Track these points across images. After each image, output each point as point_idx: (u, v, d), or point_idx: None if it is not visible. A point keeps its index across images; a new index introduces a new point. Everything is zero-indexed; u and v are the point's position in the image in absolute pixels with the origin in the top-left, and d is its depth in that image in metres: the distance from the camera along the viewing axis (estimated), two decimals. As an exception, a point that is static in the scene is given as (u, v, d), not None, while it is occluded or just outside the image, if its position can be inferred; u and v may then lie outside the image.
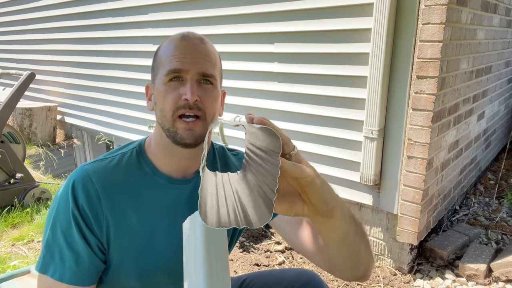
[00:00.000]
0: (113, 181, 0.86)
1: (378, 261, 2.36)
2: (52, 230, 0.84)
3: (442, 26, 1.84)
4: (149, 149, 0.93)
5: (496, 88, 3.26)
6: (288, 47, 2.44)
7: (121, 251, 0.87)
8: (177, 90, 0.82)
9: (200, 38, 0.87)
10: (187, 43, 0.85)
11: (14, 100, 2.95)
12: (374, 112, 2.08)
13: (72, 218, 0.82)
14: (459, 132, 2.48)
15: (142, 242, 0.88)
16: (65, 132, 5.16)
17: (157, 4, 3.25)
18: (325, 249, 0.82)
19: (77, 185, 0.83)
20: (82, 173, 0.85)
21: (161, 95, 0.84)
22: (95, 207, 0.83)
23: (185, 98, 0.80)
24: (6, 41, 5.79)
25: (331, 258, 0.82)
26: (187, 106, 0.81)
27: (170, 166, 0.91)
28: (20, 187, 2.94)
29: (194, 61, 0.83)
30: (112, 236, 0.85)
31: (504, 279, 2.09)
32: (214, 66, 0.86)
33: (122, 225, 0.86)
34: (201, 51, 0.84)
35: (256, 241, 2.56)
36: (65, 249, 0.82)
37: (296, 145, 0.64)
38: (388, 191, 2.18)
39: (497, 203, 3.08)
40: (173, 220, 0.90)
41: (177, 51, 0.83)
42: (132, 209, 0.87)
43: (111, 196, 0.85)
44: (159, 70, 0.86)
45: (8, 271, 1.99)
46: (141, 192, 0.88)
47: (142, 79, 3.60)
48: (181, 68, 0.82)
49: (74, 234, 0.82)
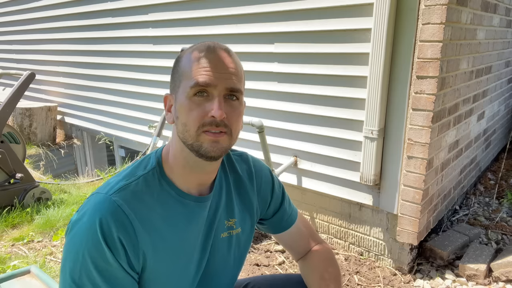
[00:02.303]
0: (143, 209, 0.82)
1: (378, 261, 2.36)
2: (83, 268, 0.76)
3: (442, 26, 1.84)
4: (167, 165, 0.88)
5: (496, 88, 3.26)
6: (288, 47, 2.44)
7: (158, 275, 0.85)
8: (203, 106, 0.79)
9: (227, 50, 0.84)
10: (214, 56, 0.81)
11: (14, 100, 2.95)
12: (374, 112, 2.08)
13: (108, 253, 0.76)
14: (459, 132, 2.48)
15: (181, 265, 0.89)
16: (65, 132, 5.16)
17: (157, 4, 3.25)
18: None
19: (109, 218, 0.77)
20: (112, 206, 0.78)
21: (185, 109, 0.80)
22: (131, 239, 0.79)
23: (212, 116, 0.78)
24: (6, 41, 5.79)
25: None
26: (213, 123, 0.78)
27: (189, 182, 0.89)
28: (20, 187, 2.94)
29: (222, 76, 0.79)
30: (149, 264, 0.83)
31: (504, 279, 2.09)
32: (240, 80, 0.83)
33: (161, 251, 0.84)
34: (229, 65, 0.81)
35: (256, 241, 2.56)
36: (102, 285, 0.77)
37: (296, 144, 0.64)
38: (388, 191, 2.18)
39: (497, 203, 3.08)
40: (203, 237, 0.92)
41: (204, 64, 0.79)
42: (167, 234, 0.85)
43: (145, 226, 0.81)
44: (182, 82, 0.82)
45: (8, 271, 1.99)
46: (171, 216, 0.86)
47: (142, 79, 3.60)
48: (209, 83, 0.78)
49: (112, 268, 0.77)
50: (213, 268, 0.96)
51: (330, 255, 1.10)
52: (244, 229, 1.01)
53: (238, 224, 1.00)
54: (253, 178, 1.04)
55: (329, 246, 1.13)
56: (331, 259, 1.08)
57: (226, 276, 1.01)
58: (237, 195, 1.00)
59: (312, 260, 1.07)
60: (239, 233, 1.00)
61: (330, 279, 1.01)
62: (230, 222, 0.98)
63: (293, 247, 1.12)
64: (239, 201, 1.01)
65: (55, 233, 2.62)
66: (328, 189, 2.44)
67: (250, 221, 1.03)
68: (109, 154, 5.00)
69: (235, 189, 1.00)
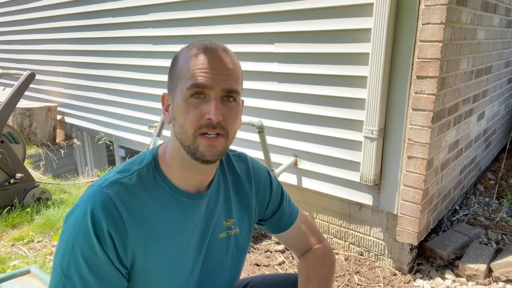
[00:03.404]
0: (135, 203, 0.82)
1: (378, 261, 2.36)
2: (72, 258, 0.77)
3: (442, 26, 1.84)
4: (163, 163, 0.88)
5: (496, 88, 3.26)
6: (288, 47, 2.44)
7: (149, 272, 0.85)
8: (200, 108, 0.78)
9: (224, 50, 0.83)
10: (212, 56, 0.80)
11: (14, 100, 2.95)
12: (374, 112, 2.08)
13: (96, 245, 0.77)
14: (459, 132, 2.48)
15: (174, 262, 0.88)
16: (65, 132, 5.16)
17: (157, 4, 3.25)
18: None
19: (99, 209, 0.77)
20: (103, 197, 0.79)
21: (181, 111, 0.80)
22: (120, 232, 0.79)
23: (209, 118, 0.77)
24: (6, 41, 5.79)
25: None
26: (210, 126, 0.78)
27: (185, 181, 0.89)
28: (20, 187, 2.94)
29: (219, 77, 0.79)
30: (139, 260, 0.83)
31: (504, 279, 2.09)
32: (237, 80, 0.83)
33: (151, 246, 0.84)
34: (226, 65, 0.80)
35: (256, 241, 2.56)
36: (89, 276, 0.77)
37: (296, 144, 0.64)
38: (388, 191, 2.18)
39: (497, 203, 3.08)
40: (199, 236, 0.92)
41: (201, 64, 0.79)
42: (159, 229, 0.85)
43: (136, 220, 0.82)
44: (179, 82, 0.81)
45: (8, 271, 1.99)
46: (164, 212, 0.86)
47: (142, 79, 3.60)
48: (205, 84, 0.78)
49: (100, 261, 0.77)
50: (212, 268, 0.96)
51: (325, 254, 1.08)
52: (242, 229, 1.01)
53: (237, 224, 1.00)
54: (252, 178, 1.04)
55: (329, 246, 1.12)
56: (324, 259, 1.07)
57: (225, 277, 1.01)
58: (235, 194, 1.01)
59: (306, 259, 1.07)
60: (237, 233, 1.00)
61: (315, 279, 1.00)
62: (228, 222, 0.98)
63: (294, 246, 1.12)
64: (237, 200, 1.01)
65: (55, 233, 2.62)
66: (328, 189, 2.44)
67: (248, 221, 1.03)
68: (109, 154, 5.00)
69: (233, 188, 1.00)
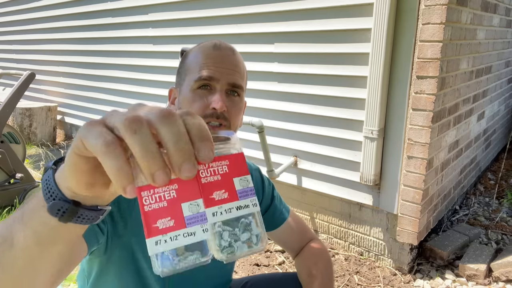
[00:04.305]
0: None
1: (378, 261, 2.36)
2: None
3: (442, 26, 1.84)
4: None
5: (496, 88, 3.26)
6: (288, 47, 2.44)
7: (135, 261, 0.83)
8: (205, 98, 0.82)
9: (231, 49, 0.88)
10: (219, 52, 0.85)
11: (14, 100, 2.95)
12: (374, 112, 2.07)
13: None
14: (459, 132, 2.48)
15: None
16: (65, 132, 5.16)
17: (157, 4, 3.25)
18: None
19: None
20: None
21: (188, 101, 0.84)
22: (124, 214, 0.80)
23: (213, 107, 0.80)
24: (6, 41, 5.79)
25: None
26: (214, 115, 0.81)
27: None
28: (20, 187, 2.94)
29: (225, 71, 0.83)
30: (127, 242, 0.80)
31: (504, 279, 2.09)
32: (242, 77, 0.87)
33: (144, 239, 0.82)
34: (232, 62, 0.86)
35: (256, 241, 2.56)
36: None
37: (296, 144, 0.63)
38: (388, 191, 2.18)
39: (497, 203, 3.08)
40: None
41: (209, 60, 0.84)
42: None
43: (137, 211, 0.79)
44: (187, 76, 0.86)
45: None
46: None
47: (142, 79, 3.60)
48: (212, 77, 0.82)
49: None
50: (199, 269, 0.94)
51: (321, 250, 1.10)
52: None
53: None
54: None
55: (321, 242, 1.14)
56: (320, 253, 1.09)
57: (214, 274, 0.99)
58: None
59: (303, 256, 1.09)
60: None
61: (318, 274, 1.01)
62: None
63: (287, 244, 1.14)
64: None
65: (55, 233, 2.62)
66: (328, 189, 2.44)
67: None
68: (109, 154, 5.00)
69: None
